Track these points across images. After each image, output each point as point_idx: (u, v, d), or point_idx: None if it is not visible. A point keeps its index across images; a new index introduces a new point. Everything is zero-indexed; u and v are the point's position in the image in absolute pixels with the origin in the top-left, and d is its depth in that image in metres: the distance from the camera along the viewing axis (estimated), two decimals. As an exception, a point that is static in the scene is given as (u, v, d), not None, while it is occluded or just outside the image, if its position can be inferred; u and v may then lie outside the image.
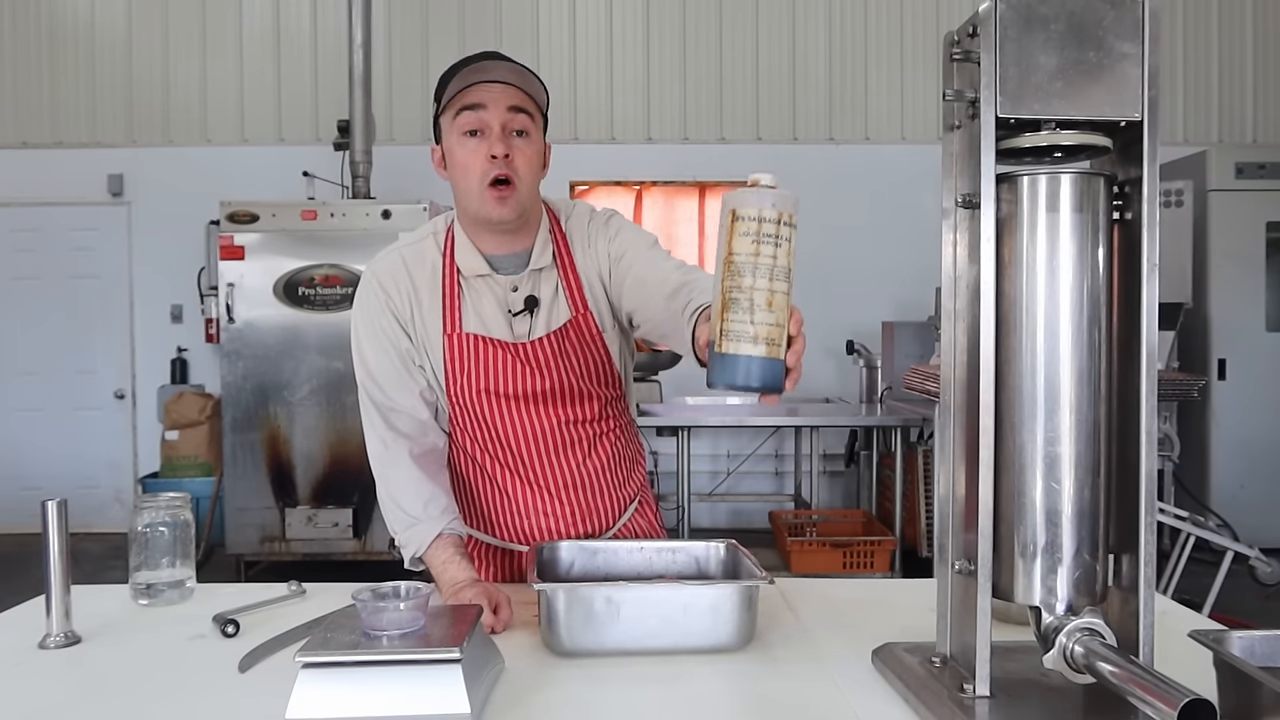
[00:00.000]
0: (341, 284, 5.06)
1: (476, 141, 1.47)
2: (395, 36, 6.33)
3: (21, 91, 6.40)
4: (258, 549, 5.13)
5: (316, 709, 1.04)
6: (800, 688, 1.18)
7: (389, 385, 1.58)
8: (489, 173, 1.46)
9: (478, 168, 1.47)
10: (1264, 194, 5.59)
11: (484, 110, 1.46)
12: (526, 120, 1.49)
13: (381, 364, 1.58)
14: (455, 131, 1.48)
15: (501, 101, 1.46)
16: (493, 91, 1.46)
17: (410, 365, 1.58)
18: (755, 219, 0.99)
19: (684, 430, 4.72)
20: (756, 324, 0.99)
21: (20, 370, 6.42)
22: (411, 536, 1.52)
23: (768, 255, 0.99)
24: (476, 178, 1.47)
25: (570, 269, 1.60)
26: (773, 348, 0.99)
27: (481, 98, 1.46)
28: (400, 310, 1.57)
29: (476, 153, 1.46)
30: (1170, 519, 3.82)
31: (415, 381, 1.58)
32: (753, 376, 0.99)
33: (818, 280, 6.27)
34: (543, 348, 1.56)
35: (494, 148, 1.45)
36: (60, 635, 1.35)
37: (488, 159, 1.46)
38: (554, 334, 1.57)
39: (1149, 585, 1.03)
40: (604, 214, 1.66)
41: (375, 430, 1.58)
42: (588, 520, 1.65)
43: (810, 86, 6.44)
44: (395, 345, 1.57)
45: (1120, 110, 1.02)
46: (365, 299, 1.59)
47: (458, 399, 1.58)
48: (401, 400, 1.58)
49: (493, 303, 1.57)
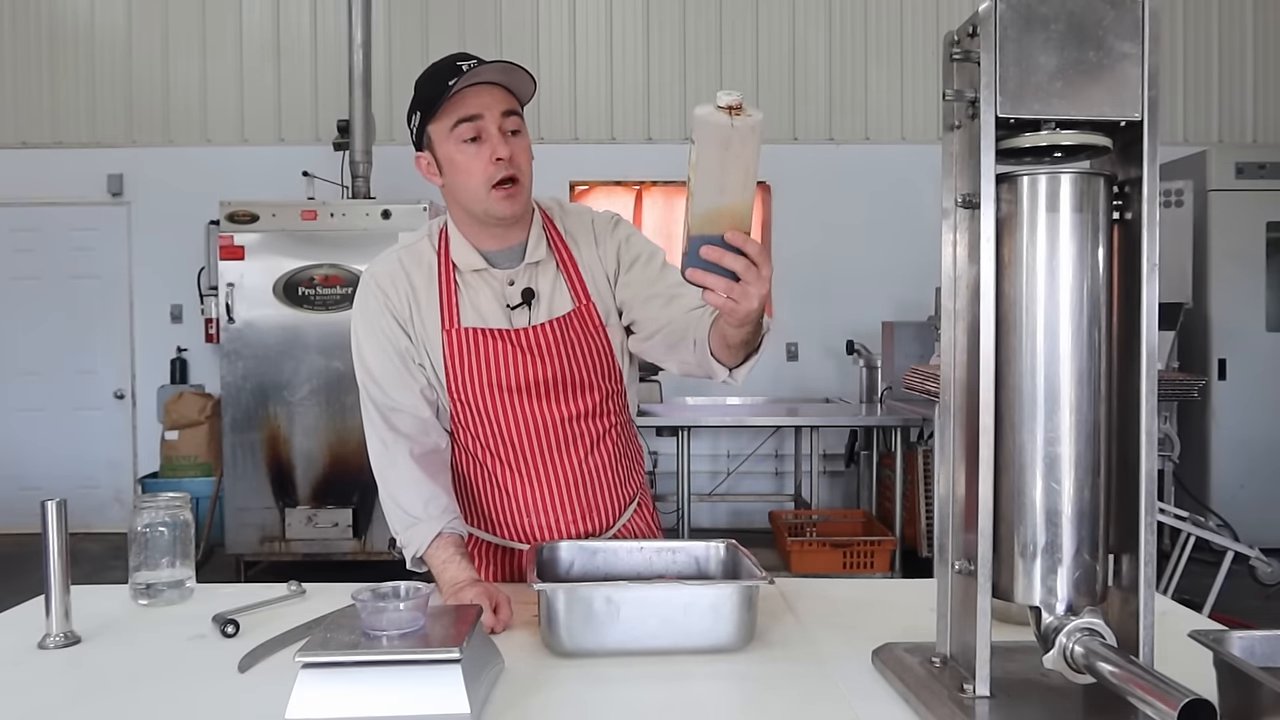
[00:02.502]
0: (341, 284, 5.06)
1: (477, 147, 1.49)
2: (395, 36, 6.33)
3: (21, 91, 6.40)
4: (258, 549, 5.13)
5: (316, 709, 1.04)
6: (800, 688, 1.18)
7: (389, 385, 1.59)
8: (495, 175, 1.49)
9: (482, 171, 1.50)
10: (1264, 194, 5.59)
11: (481, 119, 1.49)
12: (518, 120, 1.53)
13: (381, 364, 1.59)
14: (453, 140, 1.51)
15: (496, 107, 1.49)
16: (485, 98, 1.49)
17: (410, 364, 1.59)
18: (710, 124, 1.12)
19: (684, 430, 4.72)
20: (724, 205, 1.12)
21: (20, 370, 6.42)
22: (412, 536, 1.53)
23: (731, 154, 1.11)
24: (482, 180, 1.50)
25: (570, 262, 1.62)
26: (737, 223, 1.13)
27: (476, 107, 1.49)
28: (399, 310, 1.59)
29: (479, 157, 1.49)
30: (1170, 519, 3.82)
31: (415, 380, 1.59)
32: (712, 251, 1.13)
33: (818, 280, 6.29)
34: (543, 334, 1.58)
35: (498, 150, 1.48)
36: (60, 635, 1.35)
37: (492, 162, 1.49)
38: (555, 321, 1.59)
39: (1149, 585, 1.03)
40: (609, 215, 1.69)
41: (376, 431, 1.59)
42: (588, 519, 1.65)
43: (810, 86, 6.44)
44: (395, 345, 1.59)
45: (1120, 110, 1.02)
46: (364, 301, 1.61)
47: (458, 395, 1.59)
48: (402, 399, 1.58)
49: (490, 297, 1.59)
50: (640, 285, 1.60)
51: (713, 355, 1.41)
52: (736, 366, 1.42)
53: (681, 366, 1.54)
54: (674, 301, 1.54)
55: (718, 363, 1.42)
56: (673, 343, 1.52)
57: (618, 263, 1.63)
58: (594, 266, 1.63)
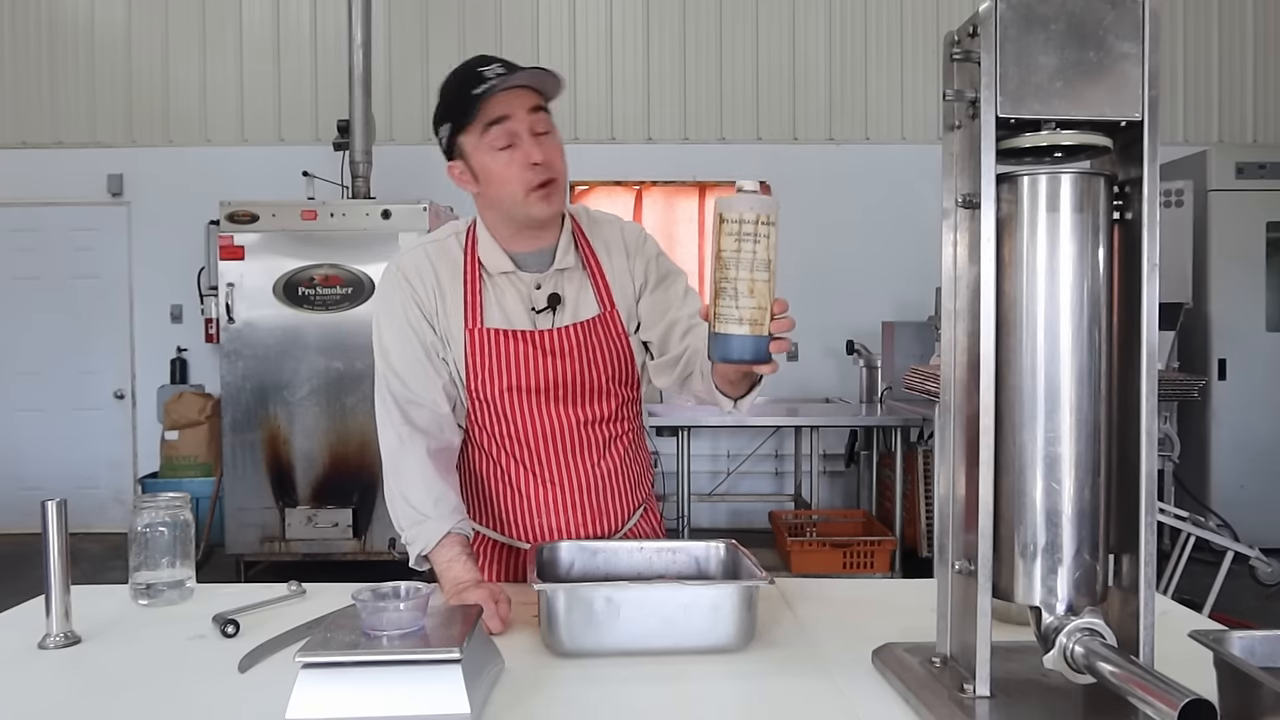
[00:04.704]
0: (341, 284, 5.06)
1: (510, 152, 1.50)
2: (395, 36, 6.33)
3: (21, 91, 6.40)
4: (257, 549, 5.12)
5: (316, 709, 1.04)
6: (800, 688, 1.18)
7: (411, 378, 1.58)
8: (533, 180, 1.50)
9: (518, 176, 1.50)
10: (1264, 194, 5.59)
11: (510, 121, 1.49)
12: (546, 118, 1.53)
13: (405, 356, 1.58)
14: (486, 149, 1.51)
15: (523, 107, 1.49)
16: (511, 99, 1.49)
17: (434, 358, 1.59)
18: (737, 220, 1.17)
19: (684, 430, 4.72)
20: (741, 308, 1.18)
21: (20, 370, 6.42)
22: (419, 534, 1.52)
23: (748, 250, 1.17)
24: (520, 185, 1.50)
25: (598, 269, 1.63)
26: (756, 326, 1.19)
27: (505, 109, 1.48)
28: (425, 303, 1.59)
29: (513, 163, 1.50)
30: (1170, 519, 3.82)
31: (439, 375, 1.59)
32: (743, 350, 1.20)
33: (818, 280, 6.29)
34: (566, 337, 1.59)
35: (533, 155, 1.49)
36: (60, 635, 1.35)
37: (528, 166, 1.49)
38: (579, 325, 1.60)
39: (1149, 585, 1.03)
40: (637, 227, 1.72)
41: (392, 424, 1.58)
42: (598, 522, 1.65)
43: (810, 86, 6.43)
44: (420, 337, 1.58)
45: (1120, 110, 1.02)
46: (389, 292, 1.61)
47: (478, 394, 1.60)
48: (423, 393, 1.58)
49: (516, 299, 1.59)
50: (662, 307, 1.61)
51: (717, 388, 1.44)
52: (741, 397, 1.46)
53: (690, 395, 1.58)
54: (692, 331, 1.56)
55: (723, 394, 1.45)
56: (688, 373, 1.55)
57: (646, 278, 1.65)
58: (623, 276, 1.64)
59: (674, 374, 1.58)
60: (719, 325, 1.19)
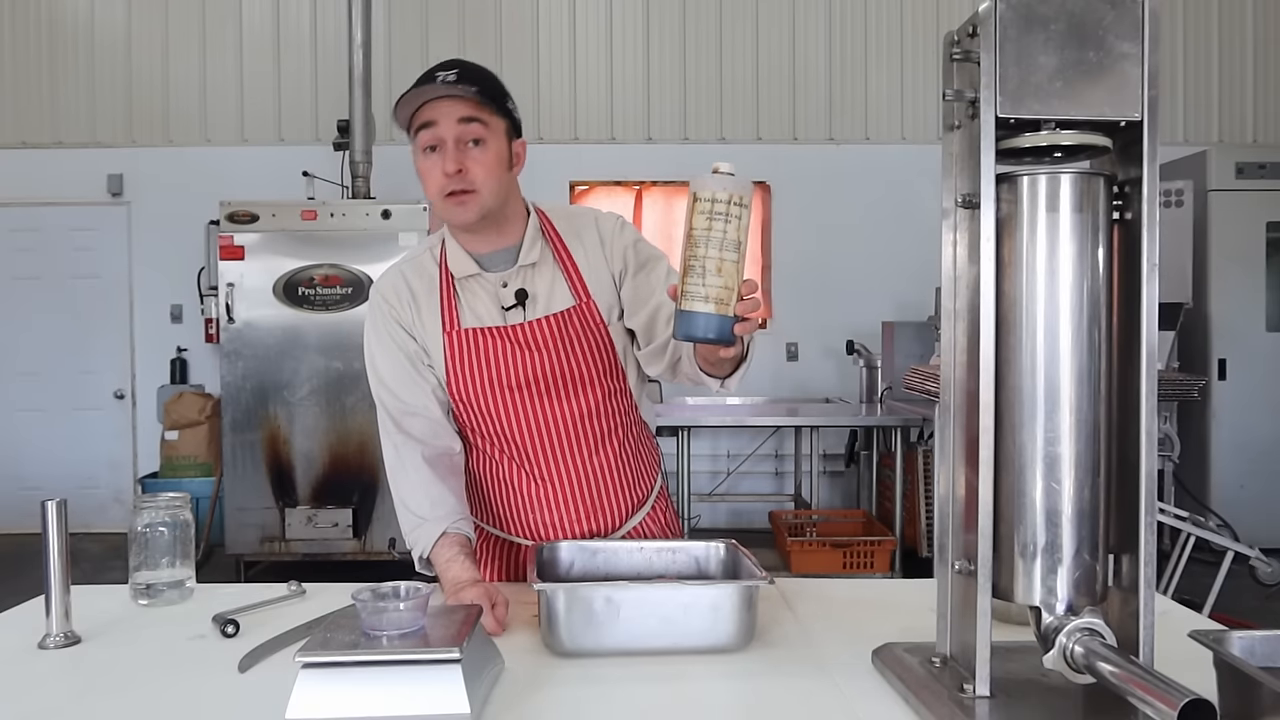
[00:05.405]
0: (341, 284, 5.06)
1: (435, 157, 1.51)
2: (395, 36, 6.33)
3: (21, 91, 6.40)
4: (257, 549, 5.12)
5: (316, 709, 1.04)
6: (800, 688, 1.18)
7: (401, 388, 1.62)
8: (446, 187, 1.51)
9: (436, 182, 1.52)
10: (1264, 194, 5.58)
11: (437, 126, 1.49)
12: (480, 128, 1.51)
13: (392, 368, 1.63)
14: (417, 150, 1.54)
15: (452, 115, 1.49)
16: (442, 107, 1.49)
17: (419, 365, 1.63)
18: (710, 199, 1.18)
19: (684, 430, 4.72)
20: (708, 285, 1.17)
21: (20, 370, 6.42)
22: (418, 537, 1.55)
23: (719, 229, 1.17)
24: (436, 190, 1.53)
25: (569, 261, 1.63)
26: (722, 306, 1.18)
27: (433, 115, 1.49)
28: (403, 317, 1.63)
29: (435, 168, 1.51)
30: (1170, 519, 3.82)
31: (426, 381, 1.62)
32: (707, 329, 1.18)
33: (818, 280, 6.29)
34: (540, 329, 1.59)
35: (446, 165, 1.50)
36: (60, 635, 1.35)
37: (444, 174, 1.50)
38: (553, 317, 1.60)
39: (1149, 585, 1.03)
40: (614, 215, 1.70)
41: (389, 437, 1.63)
42: (594, 519, 1.66)
43: (810, 86, 6.43)
44: (403, 349, 1.62)
45: (1120, 110, 1.02)
46: (372, 314, 1.67)
47: (461, 395, 1.61)
48: (414, 401, 1.61)
49: (486, 299, 1.62)
50: (645, 292, 1.61)
51: (701, 369, 1.44)
52: (727, 377, 1.45)
53: (681, 379, 1.57)
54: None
55: (708, 375, 1.45)
56: (678, 357, 1.54)
57: (625, 263, 1.64)
58: (598, 265, 1.64)
59: (664, 360, 1.57)
60: (685, 302, 1.18)
